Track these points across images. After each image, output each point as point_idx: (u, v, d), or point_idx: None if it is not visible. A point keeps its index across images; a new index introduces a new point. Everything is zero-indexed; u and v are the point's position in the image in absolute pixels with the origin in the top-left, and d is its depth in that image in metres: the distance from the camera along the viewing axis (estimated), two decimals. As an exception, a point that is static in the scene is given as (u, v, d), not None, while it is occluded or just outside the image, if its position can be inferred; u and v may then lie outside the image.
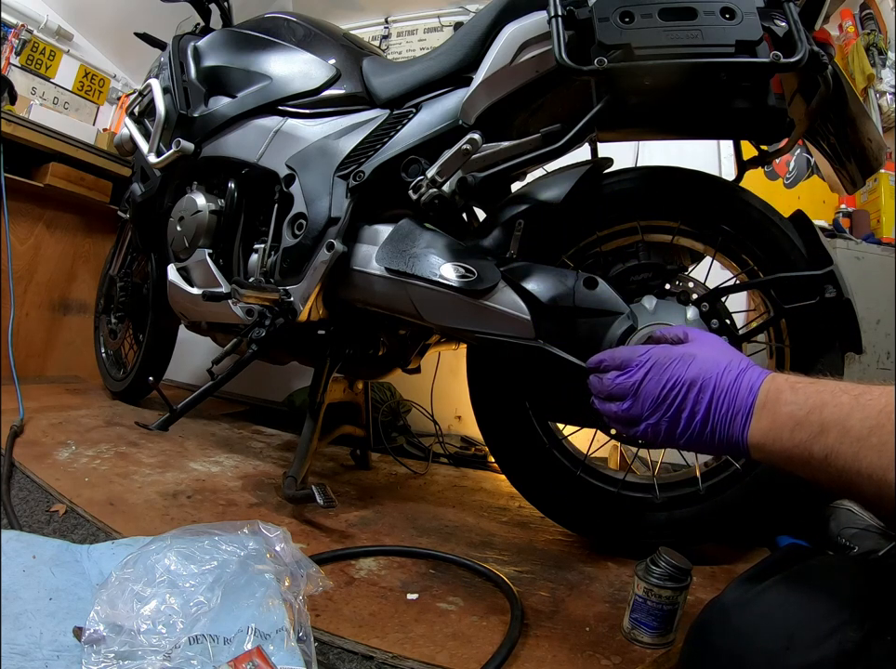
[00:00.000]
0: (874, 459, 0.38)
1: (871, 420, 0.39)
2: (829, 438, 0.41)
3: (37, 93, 2.40)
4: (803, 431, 0.43)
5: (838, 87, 0.84)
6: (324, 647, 0.65)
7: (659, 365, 0.53)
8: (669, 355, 0.53)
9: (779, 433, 0.45)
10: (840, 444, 0.40)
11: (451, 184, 0.95)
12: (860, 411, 0.40)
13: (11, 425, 1.30)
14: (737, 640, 0.45)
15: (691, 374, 0.51)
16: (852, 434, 0.39)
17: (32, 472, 1.08)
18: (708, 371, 0.50)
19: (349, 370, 1.30)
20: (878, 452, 0.38)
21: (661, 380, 0.52)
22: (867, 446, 0.38)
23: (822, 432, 0.41)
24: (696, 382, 0.50)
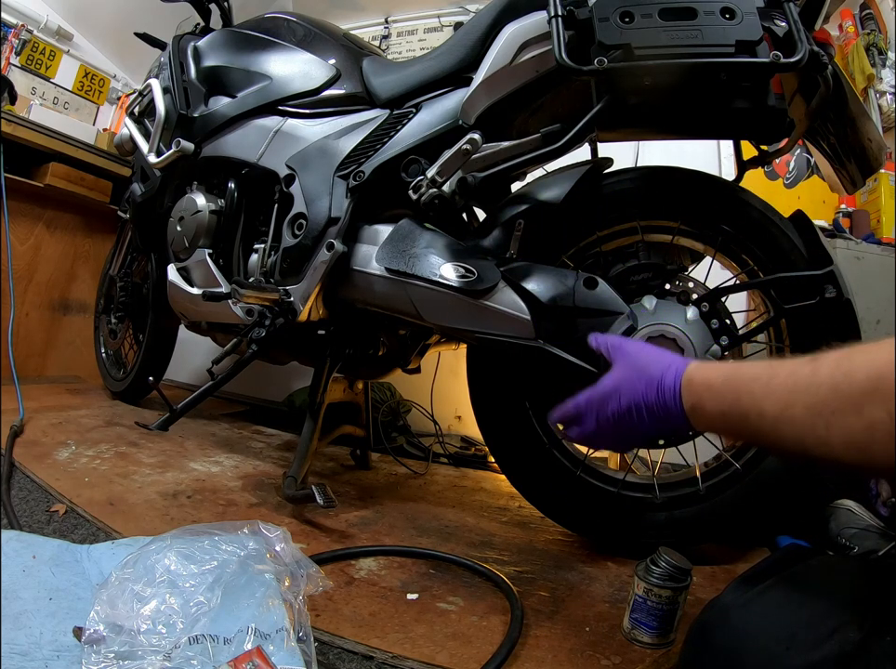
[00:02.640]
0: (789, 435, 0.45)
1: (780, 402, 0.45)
2: (751, 424, 0.48)
3: (37, 93, 2.40)
4: (731, 420, 0.50)
5: (838, 87, 0.84)
6: (324, 647, 0.65)
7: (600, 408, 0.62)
8: (602, 395, 0.62)
9: (713, 425, 0.54)
10: (761, 426, 0.47)
11: (451, 184, 0.95)
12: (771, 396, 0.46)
13: (11, 425, 1.30)
14: (737, 640, 0.45)
15: (624, 405, 0.60)
16: (768, 418, 0.46)
17: (32, 472, 1.07)
18: (634, 396, 0.59)
19: (349, 370, 1.30)
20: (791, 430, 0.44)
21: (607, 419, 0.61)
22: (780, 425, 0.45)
23: (745, 420, 0.48)
24: (632, 409, 0.59)
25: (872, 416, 0.38)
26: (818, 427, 0.42)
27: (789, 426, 0.44)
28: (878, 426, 0.38)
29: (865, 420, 0.39)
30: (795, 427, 0.44)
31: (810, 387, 0.43)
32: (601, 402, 0.62)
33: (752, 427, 0.48)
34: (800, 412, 0.43)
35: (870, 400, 0.39)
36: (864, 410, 0.39)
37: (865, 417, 0.39)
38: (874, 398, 0.39)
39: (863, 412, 0.39)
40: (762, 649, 0.43)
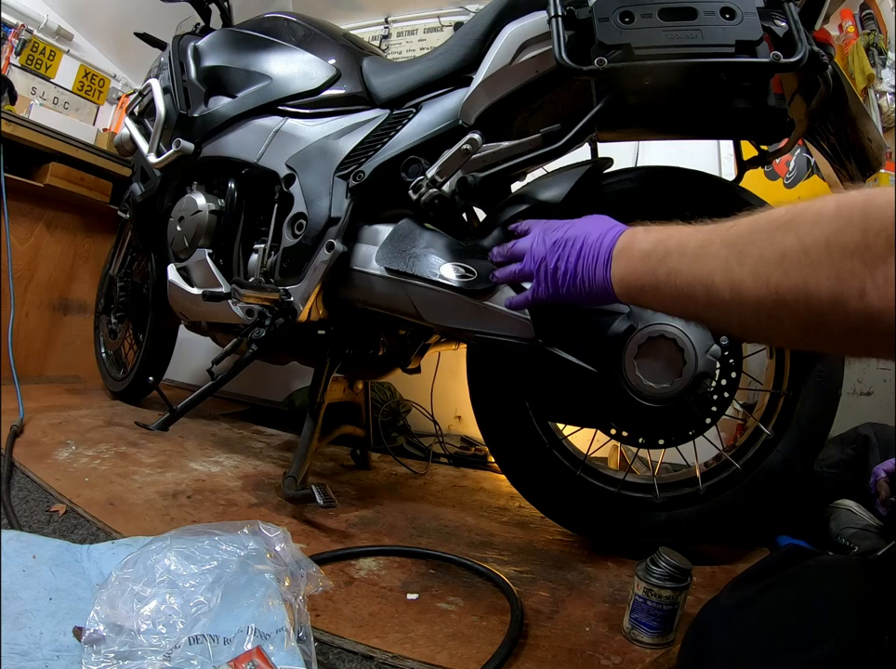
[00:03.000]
0: (703, 269, 0.45)
1: (702, 239, 0.47)
2: (671, 260, 0.49)
3: (37, 93, 2.40)
4: (651, 260, 0.51)
5: (838, 87, 0.84)
6: (324, 647, 0.65)
7: (546, 231, 0.68)
8: (554, 225, 0.68)
9: (633, 266, 0.54)
10: (679, 263, 0.48)
11: (451, 184, 0.95)
12: (695, 234, 0.48)
13: (11, 425, 1.30)
14: (736, 640, 0.45)
15: (567, 235, 0.64)
16: (688, 253, 0.47)
17: (32, 472, 1.08)
18: (580, 233, 0.63)
19: (349, 370, 1.30)
20: (706, 263, 0.45)
21: (545, 240, 0.67)
22: (698, 259, 0.46)
23: (665, 256, 0.49)
24: (570, 240, 0.63)
25: (784, 244, 0.39)
26: (731, 259, 0.43)
27: (705, 260, 0.45)
28: (789, 254, 0.38)
29: (777, 248, 0.39)
30: (710, 261, 0.44)
31: (731, 227, 0.46)
32: (553, 227, 0.68)
33: (669, 268, 0.48)
34: (717, 246, 0.44)
35: (784, 230, 0.40)
36: (777, 239, 0.40)
37: (777, 245, 0.39)
38: (788, 227, 0.39)
39: (776, 241, 0.40)
40: (761, 649, 0.43)
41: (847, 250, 0.35)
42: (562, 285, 0.64)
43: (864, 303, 0.34)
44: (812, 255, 0.37)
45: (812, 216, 0.38)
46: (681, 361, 0.86)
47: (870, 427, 1.13)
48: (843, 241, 0.35)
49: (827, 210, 0.38)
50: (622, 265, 0.56)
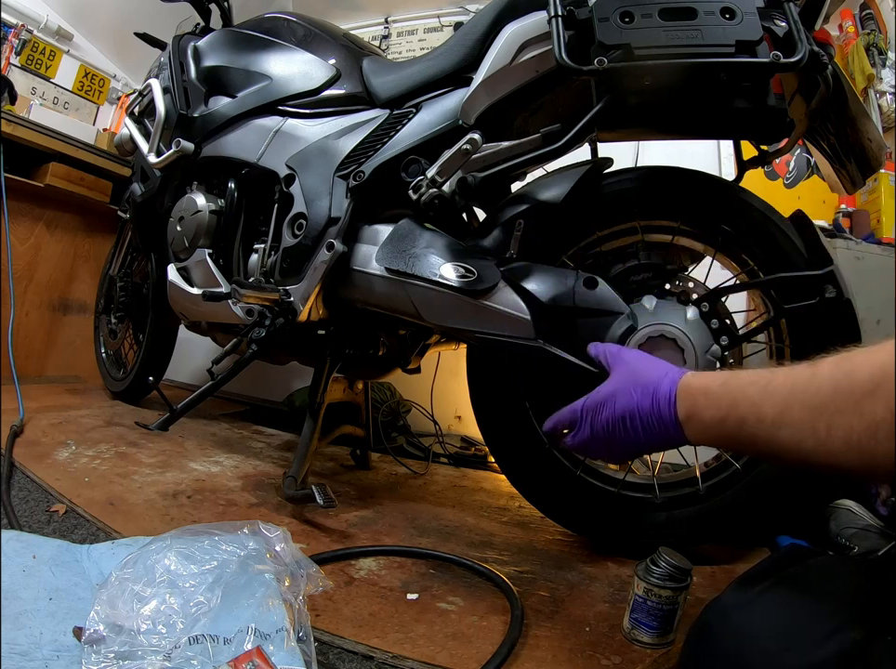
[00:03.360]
0: (789, 437, 0.44)
1: (779, 404, 0.45)
2: (749, 427, 0.47)
3: (37, 93, 2.40)
4: (728, 427, 0.49)
5: (838, 87, 0.84)
6: (324, 647, 0.65)
7: (595, 414, 0.62)
8: (598, 401, 0.62)
9: (710, 433, 0.52)
10: (759, 431, 0.46)
11: (451, 184, 0.95)
12: (768, 397, 0.46)
13: (11, 425, 1.30)
14: (737, 641, 0.45)
15: (619, 412, 0.59)
16: (766, 421, 0.45)
17: (32, 472, 1.07)
18: (630, 404, 0.58)
19: (349, 370, 1.29)
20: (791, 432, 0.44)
21: (602, 426, 0.61)
22: (781, 428, 0.44)
23: (741, 425, 0.48)
24: (626, 417, 0.58)
25: (874, 415, 0.38)
26: (818, 429, 0.41)
27: (788, 428, 0.43)
28: (881, 425, 0.38)
29: (867, 419, 0.38)
30: (794, 430, 0.43)
31: (810, 388, 0.43)
32: (596, 409, 0.62)
33: (749, 433, 0.47)
34: (799, 413, 0.43)
35: (871, 399, 0.38)
36: (866, 409, 0.38)
37: (867, 416, 0.38)
38: (875, 396, 0.38)
39: (865, 411, 0.38)
40: (762, 650, 0.43)
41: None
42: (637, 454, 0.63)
43: None
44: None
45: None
46: (681, 361, 0.86)
47: (870, 427, 1.13)
48: None
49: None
50: (695, 432, 0.53)
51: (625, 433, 0.59)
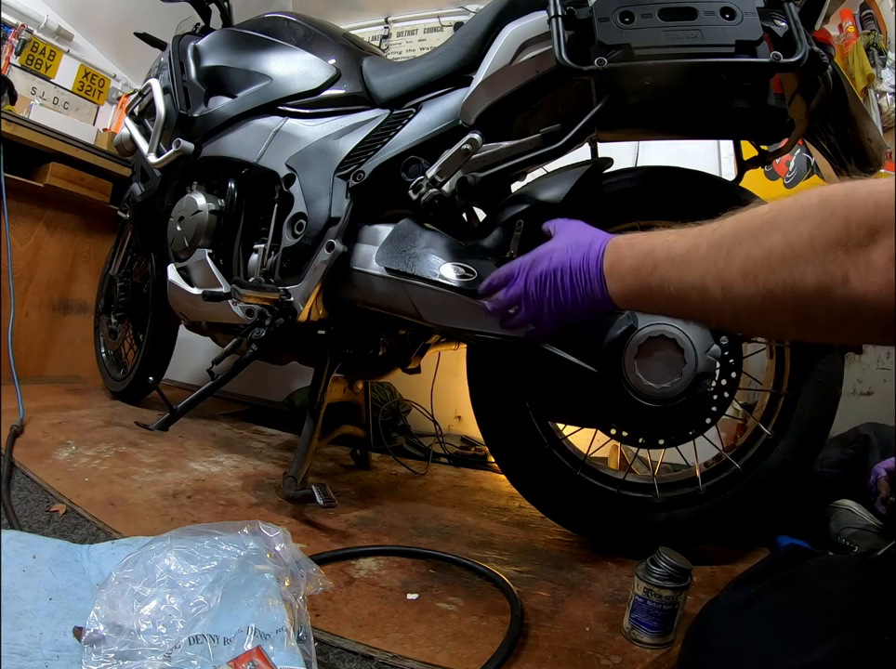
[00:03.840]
0: (693, 274, 0.46)
1: (688, 243, 0.47)
2: (661, 269, 0.49)
3: (37, 93, 2.40)
4: (641, 272, 0.51)
5: (838, 87, 0.84)
6: (324, 647, 0.65)
7: (531, 269, 0.64)
8: (535, 257, 0.64)
9: (627, 282, 0.54)
10: (668, 271, 0.48)
11: (451, 184, 0.95)
12: (680, 239, 0.48)
13: (11, 425, 1.30)
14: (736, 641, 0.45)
15: (553, 265, 0.61)
16: (676, 259, 0.47)
17: (32, 472, 1.08)
18: (564, 258, 0.61)
19: (349, 370, 1.30)
20: (695, 267, 0.45)
21: (535, 279, 0.63)
22: (687, 264, 0.46)
23: (655, 267, 0.49)
24: (557, 270, 0.61)
25: (770, 243, 0.40)
26: (719, 261, 0.43)
27: (694, 265, 0.45)
28: (775, 250, 0.39)
29: (763, 246, 0.40)
30: (698, 266, 0.45)
31: (716, 228, 0.46)
32: (533, 264, 0.64)
33: (660, 277, 0.49)
34: (704, 249, 0.45)
35: (769, 229, 0.41)
36: (763, 238, 0.41)
37: (763, 244, 0.40)
38: (772, 226, 0.41)
39: (762, 239, 0.41)
40: (760, 650, 0.43)
41: (830, 241, 0.37)
42: (567, 316, 0.63)
43: (849, 289, 0.36)
44: (797, 250, 0.38)
45: (796, 212, 0.40)
46: (681, 361, 0.86)
47: (870, 427, 1.13)
48: (826, 233, 0.37)
49: (811, 204, 0.39)
50: (615, 283, 0.55)
51: (555, 289, 0.61)
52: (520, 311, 0.67)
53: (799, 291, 0.38)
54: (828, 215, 0.37)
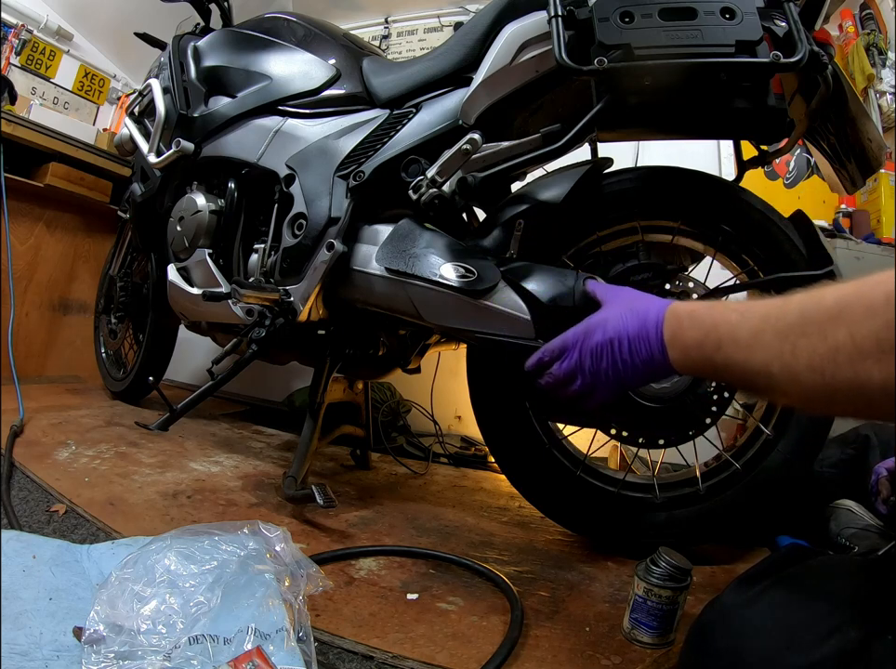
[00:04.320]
0: (759, 360, 0.46)
1: (753, 327, 0.47)
2: (725, 350, 0.49)
3: (37, 93, 2.40)
4: (705, 349, 0.51)
5: (838, 87, 0.84)
6: (324, 647, 0.65)
7: (585, 340, 0.63)
8: (588, 328, 0.63)
9: (691, 355, 0.54)
10: (734, 354, 0.48)
11: (451, 184, 0.95)
12: (744, 321, 0.48)
13: (11, 425, 1.30)
14: (737, 641, 0.45)
15: (609, 335, 0.60)
16: (741, 343, 0.48)
17: (32, 472, 1.07)
18: (620, 328, 0.60)
19: (349, 370, 1.30)
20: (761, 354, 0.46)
21: (590, 351, 0.62)
22: (752, 350, 0.46)
23: (719, 346, 0.50)
24: (615, 340, 0.60)
25: (836, 339, 0.40)
26: (785, 352, 0.44)
27: (759, 351, 0.46)
28: (841, 348, 0.40)
29: (829, 343, 0.40)
30: (764, 352, 0.45)
31: (781, 315, 0.46)
32: (587, 334, 0.63)
33: (725, 356, 0.49)
34: (770, 337, 0.45)
35: (834, 323, 0.41)
36: (829, 333, 0.41)
37: (829, 340, 0.40)
38: (838, 320, 0.40)
39: (828, 334, 0.41)
40: (762, 649, 0.43)
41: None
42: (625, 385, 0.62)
43: None
44: (864, 350, 0.38)
45: (863, 310, 0.40)
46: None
47: (870, 427, 1.13)
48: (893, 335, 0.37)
49: (878, 303, 0.39)
50: (677, 353, 0.55)
51: (612, 358, 0.60)
52: (576, 383, 0.65)
53: (866, 388, 0.39)
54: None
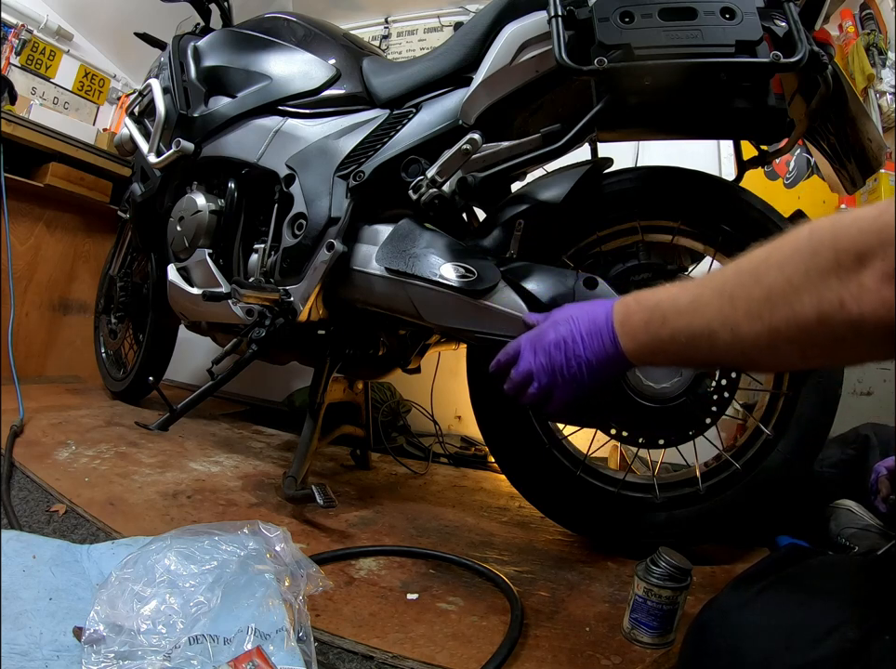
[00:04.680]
0: (701, 321, 0.47)
1: (692, 292, 0.48)
2: (669, 322, 0.50)
3: (37, 93, 2.40)
4: (652, 326, 0.52)
5: (838, 87, 0.84)
6: (324, 647, 0.65)
7: (538, 340, 0.63)
8: (541, 329, 0.63)
9: (639, 337, 0.54)
10: (677, 322, 0.49)
11: (451, 184, 0.95)
12: (684, 290, 0.50)
13: (11, 425, 1.30)
14: (736, 640, 0.45)
15: (562, 333, 0.60)
16: (683, 309, 0.49)
17: (33, 472, 1.08)
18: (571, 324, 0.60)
19: (349, 370, 1.30)
20: (702, 314, 0.47)
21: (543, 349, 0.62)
22: (694, 312, 0.48)
23: (664, 320, 0.50)
24: (567, 337, 0.60)
25: (768, 279, 0.42)
26: (724, 306, 0.45)
27: (700, 312, 0.47)
28: (774, 287, 0.41)
29: (763, 285, 0.42)
30: (704, 312, 0.46)
31: (716, 273, 0.48)
32: (539, 335, 0.63)
33: (670, 329, 0.50)
34: (708, 295, 0.47)
35: (765, 266, 0.42)
36: (761, 276, 0.42)
37: (763, 283, 0.42)
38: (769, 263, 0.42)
39: (761, 278, 0.42)
40: (761, 649, 0.43)
41: (823, 270, 0.39)
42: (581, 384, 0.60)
43: (846, 313, 0.37)
44: (795, 283, 0.40)
45: (789, 248, 0.42)
46: (681, 361, 0.86)
47: (870, 427, 1.13)
48: (818, 263, 0.39)
49: (801, 238, 0.41)
50: (628, 339, 0.55)
51: (565, 355, 0.60)
52: (533, 386, 0.64)
53: (802, 322, 0.40)
54: (818, 245, 0.39)
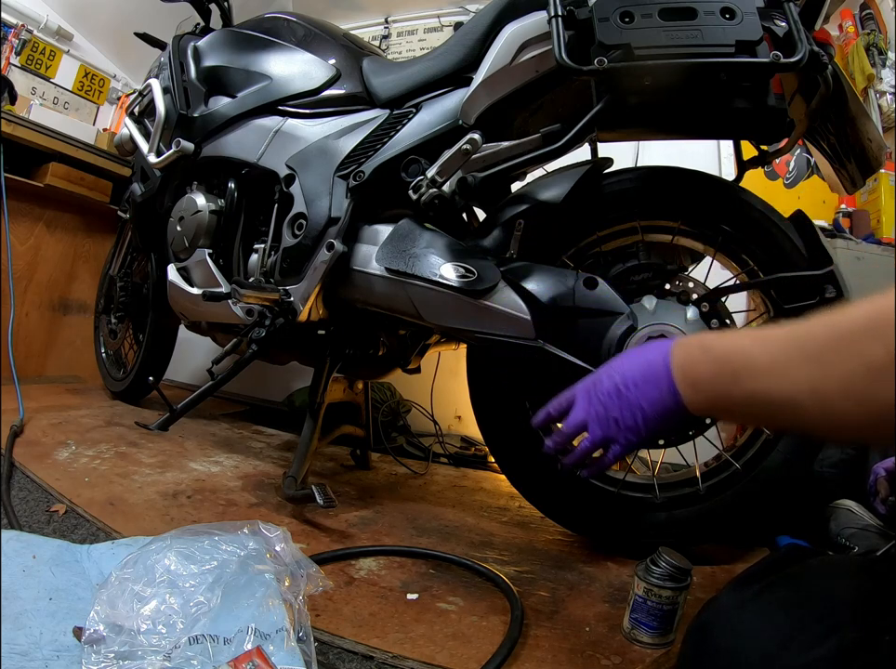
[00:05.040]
0: (786, 388, 0.41)
1: (774, 352, 0.42)
2: (744, 382, 0.44)
3: (37, 93, 2.40)
4: (721, 382, 0.47)
5: (838, 87, 0.84)
6: (324, 647, 0.65)
7: (592, 389, 0.59)
8: (594, 377, 0.60)
9: (704, 390, 0.49)
10: (755, 385, 0.43)
11: (451, 184, 0.96)
12: (763, 345, 0.44)
13: (11, 425, 1.30)
14: (735, 640, 0.45)
15: (616, 381, 0.56)
16: (762, 370, 0.43)
17: (33, 472, 1.07)
18: (626, 371, 0.56)
19: (349, 370, 1.30)
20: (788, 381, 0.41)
21: (598, 399, 0.58)
22: (776, 378, 0.42)
23: (735, 378, 0.45)
24: (622, 383, 0.56)
25: (870, 354, 0.36)
26: (813, 376, 0.39)
27: (782, 378, 0.41)
28: (876, 364, 0.36)
29: (864, 360, 0.37)
30: (788, 378, 0.41)
31: (805, 334, 0.41)
32: (595, 383, 0.59)
33: (743, 389, 0.44)
34: (795, 360, 0.41)
35: (869, 339, 0.37)
36: (864, 350, 0.37)
37: (865, 358, 0.37)
38: (874, 336, 0.37)
39: (863, 352, 0.37)
40: (761, 649, 0.43)
41: None
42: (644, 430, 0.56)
43: None
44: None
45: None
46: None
47: (870, 427, 1.13)
48: None
49: None
50: (689, 391, 0.50)
51: (620, 405, 0.55)
52: (587, 438, 0.61)
53: None
54: None
